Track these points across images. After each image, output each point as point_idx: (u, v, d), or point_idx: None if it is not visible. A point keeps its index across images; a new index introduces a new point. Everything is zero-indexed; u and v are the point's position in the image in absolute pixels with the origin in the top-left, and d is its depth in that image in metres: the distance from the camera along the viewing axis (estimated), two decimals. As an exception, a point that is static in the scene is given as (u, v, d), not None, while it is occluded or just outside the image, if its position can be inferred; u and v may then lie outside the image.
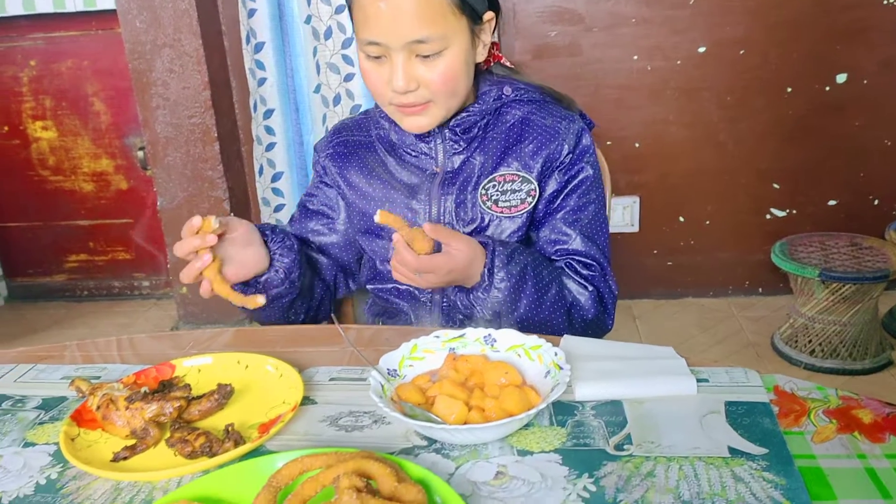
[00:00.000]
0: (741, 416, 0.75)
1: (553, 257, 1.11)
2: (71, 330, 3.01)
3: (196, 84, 2.64)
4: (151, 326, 3.00)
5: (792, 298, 2.42)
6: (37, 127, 3.05)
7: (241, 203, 2.87)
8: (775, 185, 2.66)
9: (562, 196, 1.10)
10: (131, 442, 0.78)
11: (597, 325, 1.09)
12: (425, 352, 0.86)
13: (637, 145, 2.64)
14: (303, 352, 0.96)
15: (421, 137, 1.10)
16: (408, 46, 0.97)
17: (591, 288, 1.08)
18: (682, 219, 2.75)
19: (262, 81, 2.56)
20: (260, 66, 2.54)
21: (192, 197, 2.78)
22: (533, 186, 1.08)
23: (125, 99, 2.95)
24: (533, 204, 1.09)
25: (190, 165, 2.74)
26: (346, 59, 2.44)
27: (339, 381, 0.88)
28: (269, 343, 0.99)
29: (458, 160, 1.11)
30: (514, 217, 1.09)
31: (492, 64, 1.15)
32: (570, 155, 1.10)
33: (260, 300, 0.98)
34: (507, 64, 1.17)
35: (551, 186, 1.10)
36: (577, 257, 1.09)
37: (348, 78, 2.46)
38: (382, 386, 0.78)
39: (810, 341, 2.32)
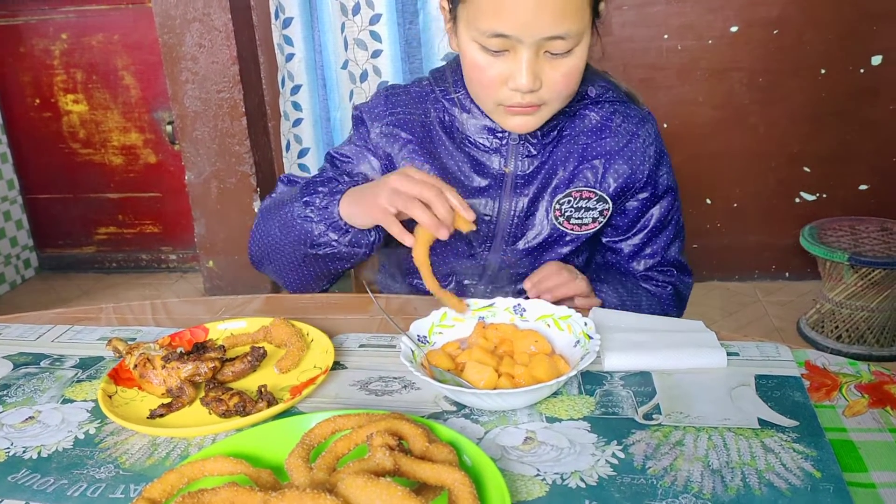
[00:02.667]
0: (771, 389, 0.75)
1: (635, 271, 1.11)
2: (99, 301, 3.06)
3: (224, 59, 2.66)
4: (177, 299, 3.04)
5: (819, 284, 2.40)
6: (68, 100, 3.08)
7: (268, 178, 2.89)
8: (806, 169, 2.63)
9: (644, 217, 1.08)
10: (167, 400, 0.79)
11: (676, 314, 1.13)
12: (455, 320, 0.86)
13: (665, 126, 2.61)
14: (332, 319, 0.97)
15: (494, 133, 1.03)
16: (540, 43, 0.88)
17: (669, 287, 1.10)
18: (709, 201, 2.72)
19: (290, 57, 2.56)
20: (288, 41, 2.54)
21: (219, 171, 2.80)
22: (607, 206, 1.05)
23: (154, 73, 2.97)
24: (603, 223, 1.07)
25: (218, 140, 2.76)
26: (374, 35, 2.43)
27: (369, 348, 0.89)
28: (299, 310, 1.00)
29: (529, 163, 1.04)
30: (581, 234, 1.07)
31: None
32: (652, 172, 1.05)
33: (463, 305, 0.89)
34: None
35: (632, 204, 1.07)
36: (659, 268, 1.11)
37: (376, 54, 2.46)
38: (413, 352, 0.79)
39: (837, 327, 2.29)
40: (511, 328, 0.83)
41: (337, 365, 0.86)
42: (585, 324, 0.81)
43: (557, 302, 0.88)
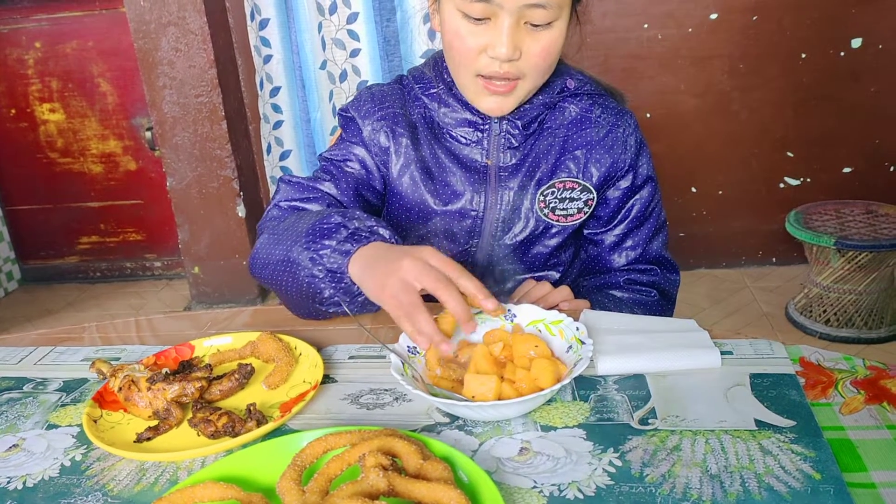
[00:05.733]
0: (767, 388, 0.74)
1: (616, 265, 1.10)
2: (84, 312, 3.03)
3: (202, 62, 2.63)
4: (164, 307, 3.02)
5: (806, 268, 2.41)
6: (44, 109, 3.04)
7: (250, 182, 2.87)
8: (789, 154, 2.63)
9: (626, 207, 1.08)
10: (154, 423, 0.78)
11: (666, 315, 1.11)
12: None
13: (648, 115, 2.61)
14: (321, 330, 0.95)
15: (475, 126, 1.03)
16: (521, 10, 0.89)
17: (653, 292, 1.09)
18: (694, 189, 2.72)
19: (267, 59, 2.54)
20: (265, 42, 2.51)
21: (201, 176, 2.78)
22: (591, 196, 1.05)
23: (131, 79, 2.93)
24: (588, 214, 1.07)
25: (198, 145, 2.74)
26: (352, 34, 2.41)
27: (359, 360, 0.88)
28: (287, 322, 0.98)
29: (511, 155, 1.04)
30: (567, 226, 1.06)
31: None
32: (633, 161, 1.06)
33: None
34: None
35: (614, 194, 1.07)
36: (638, 265, 1.10)
37: (354, 53, 2.44)
38: (403, 363, 0.78)
39: (825, 311, 2.30)
40: (508, 334, 0.82)
41: (327, 379, 0.84)
42: (577, 328, 0.80)
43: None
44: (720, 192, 2.72)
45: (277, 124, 2.64)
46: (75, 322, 2.94)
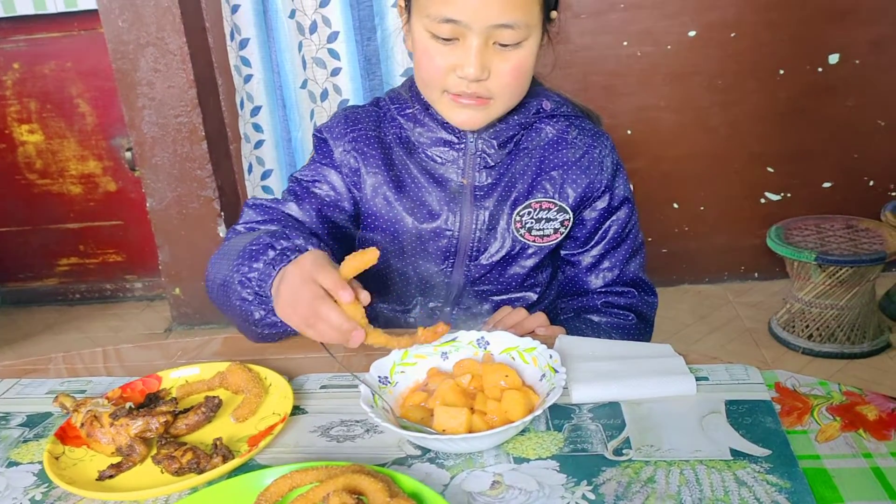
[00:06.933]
0: (742, 415, 0.73)
1: (593, 287, 1.09)
2: (63, 335, 2.98)
3: (181, 83, 2.61)
4: (145, 328, 2.98)
5: (788, 283, 2.41)
6: (23, 130, 3.01)
7: (232, 202, 2.84)
8: (769, 169, 2.64)
9: (602, 228, 1.07)
10: (117, 459, 0.75)
11: (643, 340, 1.10)
12: (417, 357, 0.84)
13: (629, 132, 2.61)
14: (292, 359, 0.94)
15: (450, 145, 1.02)
16: (489, 31, 0.89)
17: (631, 316, 1.08)
18: (675, 205, 2.73)
19: (248, 78, 2.53)
20: (245, 62, 2.50)
21: (181, 197, 2.75)
22: (568, 216, 1.04)
23: (110, 99, 2.91)
24: (565, 234, 1.06)
25: (178, 165, 2.71)
26: (333, 53, 2.40)
27: (331, 389, 0.86)
28: (258, 350, 0.97)
29: (487, 175, 1.03)
30: (543, 246, 1.05)
31: None
32: (609, 182, 1.06)
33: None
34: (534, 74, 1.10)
35: (590, 215, 1.06)
36: (615, 287, 1.09)
37: (335, 72, 2.43)
38: (374, 394, 0.76)
39: (808, 326, 2.30)
40: (477, 363, 0.80)
41: (297, 410, 0.82)
42: (551, 356, 0.78)
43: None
44: (701, 208, 2.72)
45: (258, 144, 2.62)
46: (54, 346, 2.90)
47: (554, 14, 0.98)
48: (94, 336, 2.95)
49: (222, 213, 2.77)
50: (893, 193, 2.62)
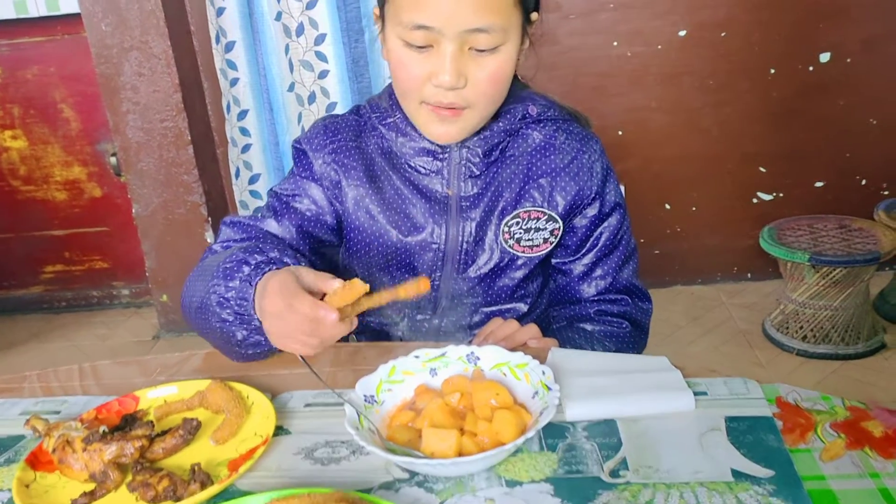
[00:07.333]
0: (743, 433, 0.70)
1: (585, 295, 1.06)
2: (49, 343, 2.94)
3: (166, 87, 2.57)
4: (132, 336, 2.94)
5: (782, 283, 2.39)
6: (6, 136, 2.96)
7: (219, 207, 2.80)
8: (761, 169, 2.62)
9: (594, 235, 1.04)
10: (90, 486, 0.72)
11: (640, 349, 1.08)
12: (404, 374, 0.80)
13: (620, 133, 2.59)
14: (276, 375, 0.90)
15: (434, 155, 0.99)
16: (463, 36, 0.86)
17: (625, 324, 1.05)
18: (667, 206, 2.70)
19: (234, 81, 2.49)
20: (231, 65, 2.46)
21: (167, 202, 2.71)
22: (557, 225, 1.01)
23: (95, 104, 2.86)
24: (555, 244, 1.03)
25: (164, 170, 2.67)
26: (320, 55, 2.37)
27: (315, 408, 0.83)
28: (241, 366, 0.93)
29: (473, 184, 1.00)
30: (533, 257, 1.02)
31: None
32: (599, 188, 1.03)
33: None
34: (519, 77, 1.07)
35: (581, 222, 1.04)
36: (608, 295, 1.06)
37: (322, 75, 2.39)
38: (360, 416, 0.73)
39: (801, 327, 2.29)
40: (467, 380, 0.77)
41: (280, 430, 0.79)
42: (543, 372, 0.75)
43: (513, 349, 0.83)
44: (693, 209, 2.70)
45: (245, 148, 2.58)
46: (39, 355, 2.86)
47: (535, 16, 0.95)
48: (80, 344, 2.91)
49: (209, 219, 2.73)
50: (886, 192, 2.61)
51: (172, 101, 2.59)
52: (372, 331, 1.10)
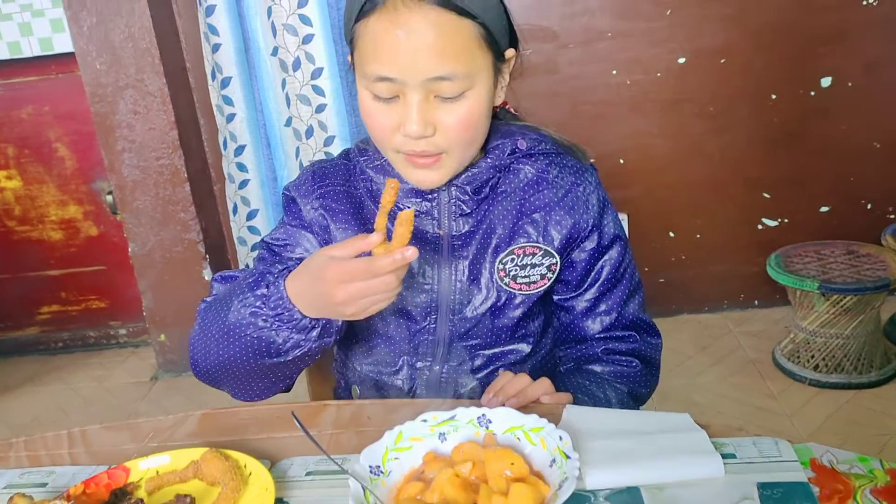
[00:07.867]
0: (778, 501, 0.65)
1: (591, 332, 1.03)
2: (44, 386, 2.88)
3: (162, 124, 2.55)
4: (130, 377, 2.88)
5: (789, 309, 2.35)
6: (0, 177, 2.93)
7: (217, 244, 2.77)
8: (765, 195, 2.59)
9: (594, 270, 1.01)
10: (77, 573, 0.67)
11: (652, 386, 1.05)
12: (412, 440, 0.76)
13: (622, 161, 2.56)
14: (276, 439, 0.86)
15: (423, 195, 0.97)
16: (427, 84, 0.84)
17: (635, 362, 1.01)
18: (671, 234, 2.67)
19: (230, 117, 2.46)
20: (228, 101, 2.44)
21: (164, 241, 2.68)
22: (554, 260, 0.98)
23: (90, 143, 2.83)
24: (553, 280, 0.99)
25: (160, 208, 2.64)
26: (317, 89, 2.35)
27: (317, 476, 0.78)
28: (239, 429, 0.88)
29: (464, 223, 0.98)
30: (530, 294, 0.99)
31: (499, 110, 1.03)
32: (596, 221, 0.99)
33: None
34: (512, 110, 1.04)
35: (580, 256, 1.00)
36: (615, 332, 1.02)
37: (320, 109, 2.37)
38: (364, 489, 0.68)
39: (813, 356, 2.24)
40: (479, 448, 0.72)
41: (279, 503, 0.74)
42: (560, 438, 0.71)
43: (525, 407, 0.79)
44: (698, 236, 2.67)
45: (243, 184, 2.55)
46: (34, 398, 2.80)
47: (510, 52, 0.92)
48: (76, 387, 2.85)
49: (207, 256, 2.69)
50: (892, 217, 2.57)
51: (168, 139, 2.56)
52: (371, 380, 1.06)
